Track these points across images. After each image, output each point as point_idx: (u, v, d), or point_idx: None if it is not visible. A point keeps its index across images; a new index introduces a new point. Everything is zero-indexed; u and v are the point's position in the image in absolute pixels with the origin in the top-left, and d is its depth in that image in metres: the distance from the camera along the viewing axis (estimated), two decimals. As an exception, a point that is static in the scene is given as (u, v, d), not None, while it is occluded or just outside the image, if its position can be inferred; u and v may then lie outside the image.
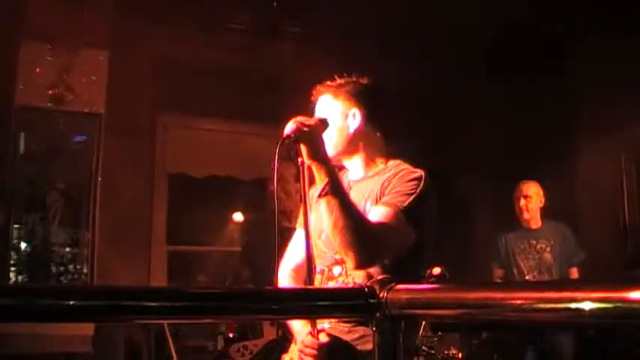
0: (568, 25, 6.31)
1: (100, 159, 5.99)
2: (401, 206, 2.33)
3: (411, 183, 2.40)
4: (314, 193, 2.45)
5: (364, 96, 2.60)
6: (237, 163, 7.23)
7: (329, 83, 2.63)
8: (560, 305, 0.99)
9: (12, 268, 5.71)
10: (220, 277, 6.98)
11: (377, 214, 2.33)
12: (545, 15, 6.06)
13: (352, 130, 2.56)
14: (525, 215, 5.58)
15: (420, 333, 4.61)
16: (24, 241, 5.80)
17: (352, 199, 2.39)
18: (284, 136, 2.29)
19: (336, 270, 2.46)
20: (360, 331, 2.34)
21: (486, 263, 5.88)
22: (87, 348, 5.27)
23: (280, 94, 5.03)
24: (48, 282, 5.75)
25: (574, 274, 5.52)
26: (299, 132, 2.29)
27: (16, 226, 5.77)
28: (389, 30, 6.29)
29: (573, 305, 0.94)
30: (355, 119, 2.57)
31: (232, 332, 5.16)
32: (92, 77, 5.90)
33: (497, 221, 6.54)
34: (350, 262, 2.29)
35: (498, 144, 7.11)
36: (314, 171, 2.32)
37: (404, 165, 2.55)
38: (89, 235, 5.90)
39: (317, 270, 2.56)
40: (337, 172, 2.40)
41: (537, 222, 5.63)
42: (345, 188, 2.38)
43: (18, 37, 5.68)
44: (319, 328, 2.33)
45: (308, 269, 2.29)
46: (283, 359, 2.58)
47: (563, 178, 6.30)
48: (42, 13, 5.38)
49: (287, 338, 2.61)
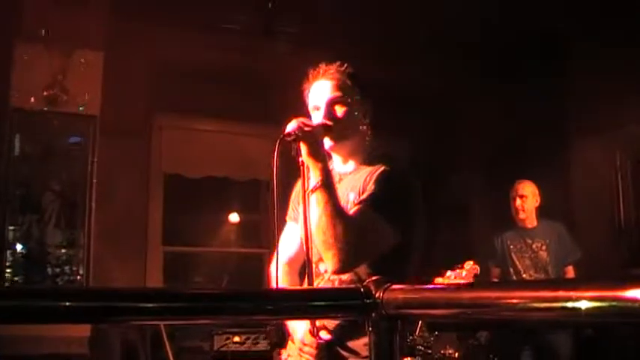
0: (563, 25, 6.33)
1: (96, 160, 5.97)
2: (381, 205, 2.32)
3: (391, 181, 2.39)
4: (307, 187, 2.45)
5: (363, 83, 2.60)
6: (232, 164, 7.23)
7: (339, 64, 2.57)
8: (555, 304, 0.99)
9: (7, 270, 5.70)
10: (216, 278, 6.97)
11: (357, 213, 2.32)
12: (540, 14, 6.07)
13: (363, 120, 2.56)
14: (521, 215, 5.59)
15: (417, 333, 4.61)
16: (19, 243, 5.78)
17: (340, 195, 2.39)
18: (284, 134, 2.29)
19: (322, 266, 2.45)
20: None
21: (483, 262, 5.88)
22: (83, 349, 5.26)
23: (276, 95, 5.04)
24: (44, 283, 5.73)
25: (570, 273, 5.53)
26: (300, 131, 2.29)
27: (12, 228, 5.75)
28: (385, 30, 6.30)
29: (569, 304, 0.94)
30: (367, 110, 2.58)
31: (271, 339, 5.14)
32: (88, 78, 5.88)
33: (493, 220, 6.56)
34: (329, 264, 2.28)
35: (493, 143, 7.13)
36: (310, 168, 2.32)
37: (387, 157, 2.52)
38: (85, 237, 5.88)
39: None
40: (332, 173, 2.39)
41: (533, 221, 5.63)
42: (336, 189, 2.36)
43: (13, 39, 5.67)
44: (318, 325, 2.33)
45: (308, 268, 2.28)
46: (281, 354, 2.58)
47: (558, 177, 6.32)
48: (37, 15, 5.37)
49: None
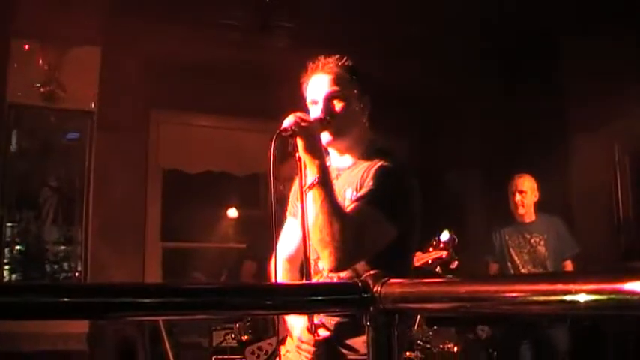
0: (560, 21, 6.32)
1: (93, 156, 5.97)
2: (378, 202, 2.30)
3: (389, 177, 2.37)
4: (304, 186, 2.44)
5: (362, 77, 2.57)
6: (231, 159, 7.23)
7: (327, 61, 2.54)
8: (554, 297, 0.99)
9: (5, 267, 5.70)
10: (215, 274, 6.97)
11: (354, 211, 2.30)
12: (537, 11, 6.06)
13: (362, 113, 2.54)
14: (520, 210, 5.58)
15: (416, 327, 4.62)
16: (17, 239, 5.78)
17: (338, 190, 2.39)
18: (281, 129, 2.28)
19: (321, 264, 2.44)
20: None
21: (481, 257, 5.88)
22: (82, 345, 5.26)
23: (273, 90, 5.03)
24: (42, 280, 5.73)
25: (568, 267, 5.54)
26: (297, 126, 2.27)
27: (9, 224, 5.75)
28: (383, 27, 6.29)
29: (567, 297, 0.94)
30: (367, 104, 2.56)
31: (246, 334, 5.09)
32: (84, 74, 5.87)
33: (490, 215, 6.55)
34: (325, 262, 2.27)
35: (491, 138, 7.12)
36: (307, 164, 2.30)
37: (384, 153, 2.50)
38: (83, 233, 5.88)
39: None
40: (329, 169, 2.37)
41: (531, 216, 5.63)
42: (334, 186, 2.34)
43: (9, 35, 5.66)
44: (316, 323, 2.33)
45: (305, 265, 2.28)
46: (280, 351, 2.58)
47: (556, 172, 6.31)
48: (33, 10, 5.36)
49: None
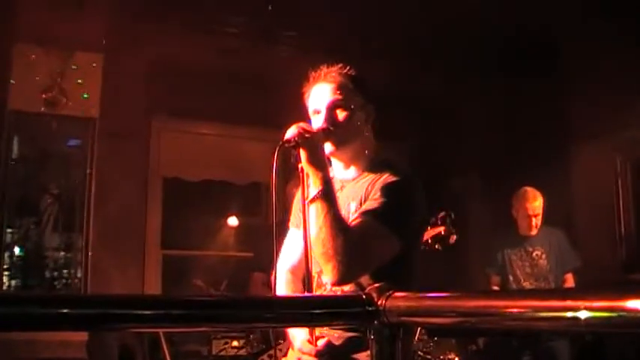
0: (563, 28, 6.32)
1: (94, 163, 5.97)
2: (384, 216, 2.26)
3: (395, 189, 2.33)
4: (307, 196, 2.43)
5: (365, 86, 2.54)
6: (231, 167, 7.23)
7: (330, 70, 2.50)
8: (561, 314, 0.98)
9: (5, 273, 5.68)
10: (216, 282, 6.95)
11: (359, 225, 2.26)
12: (538, 17, 6.06)
13: (366, 123, 2.51)
14: (533, 231, 5.50)
15: (416, 338, 4.59)
16: (17, 246, 5.77)
17: (342, 202, 2.36)
18: (284, 140, 2.24)
19: (325, 277, 2.40)
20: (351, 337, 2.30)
21: (481, 268, 5.84)
22: (81, 354, 5.24)
23: (275, 98, 5.03)
24: (41, 287, 5.71)
25: (569, 281, 5.49)
26: (300, 137, 2.24)
27: (10, 231, 5.74)
28: (385, 33, 6.30)
29: (576, 314, 0.93)
30: (371, 114, 2.53)
31: (256, 344, 5.06)
32: (86, 81, 5.87)
33: (492, 226, 6.53)
34: (328, 276, 2.23)
35: (492, 148, 7.11)
36: (310, 176, 2.27)
37: (390, 165, 2.46)
38: (83, 240, 5.88)
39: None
40: (332, 181, 2.33)
41: (536, 230, 5.56)
42: (337, 199, 2.30)
43: (11, 41, 5.66)
44: (317, 335, 2.31)
45: (307, 277, 2.26)
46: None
47: (558, 182, 6.29)
48: (35, 17, 5.36)
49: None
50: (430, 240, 4.21)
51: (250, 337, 5.13)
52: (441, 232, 4.25)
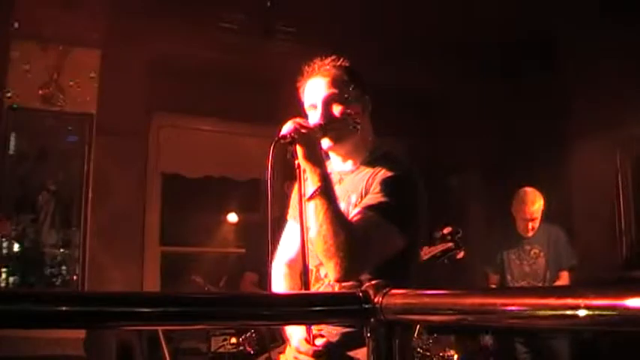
0: (562, 24, 6.31)
1: (92, 159, 5.95)
2: (386, 210, 2.25)
3: (396, 183, 2.31)
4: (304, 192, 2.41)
5: (360, 77, 2.53)
6: (231, 164, 7.22)
7: (334, 59, 2.50)
8: (560, 312, 0.97)
9: (3, 269, 5.67)
10: (214, 279, 6.95)
11: (361, 220, 2.25)
12: (538, 14, 6.05)
13: (363, 117, 2.48)
14: (530, 233, 5.50)
15: (415, 335, 4.58)
16: (15, 243, 5.75)
17: (341, 195, 2.35)
18: (280, 136, 2.23)
19: (323, 271, 2.40)
20: (351, 334, 2.26)
21: (481, 269, 5.82)
22: (79, 351, 5.23)
23: (274, 95, 5.01)
24: (39, 284, 5.70)
25: (564, 278, 5.46)
26: (296, 133, 2.22)
27: (7, 227, 5.73)
28: (383, 29, 6.28)
29: (576, 312, 0.92)
30: (367, 105, 2.51)
31: (251, 347, 5.03)
32: (84, 77, 5.85)
33: (491, 225, 6.51)
34: (331, 273, 2.22)
35: (492, 144, 7.11)
36: (308, 173, 2.25)
37: (390, 157, 2.44)
38: (81, 237, 5.86)
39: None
40: (330, 177, 2.32)
41: (532, 232, 5.55)
42: (336, 195, 2.29)
43: (8, 37, 5.64)
44: (315, 333, 2.29)
45: (304, 274, 2.24)
46: (279, 359, 2.54)
47: (558, 178, 6.29)
48: (33, 13, 5.34)
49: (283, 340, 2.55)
50: (439, 254, 4.28)
51: (241, 339, 5.09)
52: (451, 248, 4.34)
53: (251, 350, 4.93)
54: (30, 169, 5.81)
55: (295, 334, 2.35)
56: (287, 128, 2.24)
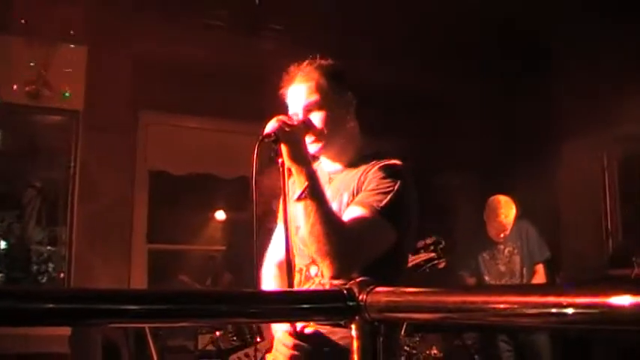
0: (550, 27, 6.34)
1: (79, 156, 5.92)
2: (378, 207, 2.25)
3: (388, 180, 2.31)
4: (292, 192, 2.41)
5: (340, 76, 2.49)
6: (218, 161, 7.21)
7: (312, 61, 2.47)
8: (543, 310, 0.97)
9: (-11, 267, 5.65)
10: (201, 276, 6.94)
11: (353, 217, 2.25)
12: (526, 16, 6.07)
13: (347, 117, 2.46)
14: (500, 240, 5.53)
15: (402, 333, 4.60)
16: (0, 240, 5.72)
17: (331, 195, 2.35)
18: (264, 135, 2.22)
19: (313, 270, 2.40)
20: (340, 333, 2.25)
21: (457, 272, 5.81)
22: (64, 348, 5.21)
23: (262, 92, 5.00)
24: (25, 281, 5.67)
25: (540, 272, 5.50)
26: (280, 131, 2.21)
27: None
28: (372, 28, 6.29)
29: (558, 310, 0.92)
30: (350, 104, 2.48)
31: (228, 343, 5.00)
32: (70, 73, 5.82)
33: (468, 229, 6.52)
34: (326, 271, 2.23)
35: (479, 144, 7.12)
36: (294, 173, 2.25)
37: (380, 155, 2.44)
38: (67, 234, 5.83)
39: (296, 269, 2.51)
40: (317, 175, 2.31)
41: (503, 238, 5.56)
42: (325, 193, 2.30)
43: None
44: (299, 328, 2.29)
45: (288, 272, 2.24)
46: (266, 359, 2.53)
47: (545, 178, 6.32)
48: (19, 8, 5.31)
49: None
50: (422, 262, 4.36)
51: (217, 334, 5.07)
52: (433, 257, 4.41)
53: (227, 346, 4.92)
54: (15, 166, 5.78)
55: (280, 329, 2.35)
56: (271, 126, 2.24)
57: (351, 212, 2.28)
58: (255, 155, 2.21)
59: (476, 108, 7.08)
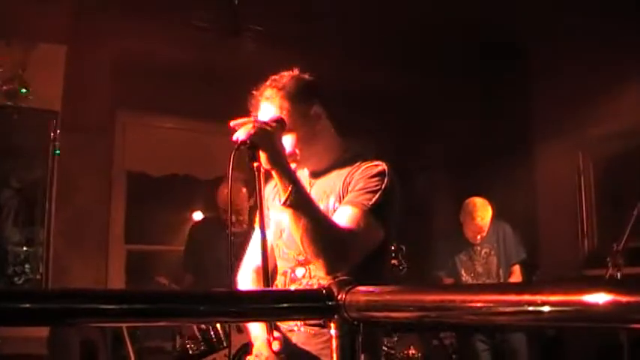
0: (525, 29, 6.39)
1: (57, 157, 5.88)
2: (368, 205, 2.28)
3: (375, 179, 2.34)
4: (270, 195, 2.43)
5: (316, 90, 2.50)
6: (196, 162, 7.19)
7: (273, 83, 2.44)
8: (519, 308, 0.99)
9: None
10: (179, 277, 6.91)
11: (344, 216, 2.28)
12: (501, 16, 6.11)
13: (316, 129, 2.46)
14: (477, 241, 5.56)
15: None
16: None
17: (315, 199, 2.36)
18: (239, 142, 2.20)
19: (299, 272, 2.42)
20: (327, 335, 2.25)
21: (434, 273, 5.83)
22: (42, 350, 5.17)
23: (241, 93, 5.00)
24: (1, 282, 5.62)
25: (516, 273, 5.55)
26: (256, 137, 2.19)
27: (-31, 226, 5.64)
28: (351, 30, 6.30)
29: (533, 308, 0.94)
30: (318, 117, 2.47)
31: (196, 347, 4.97)
32: (49, 73, 5.78)
33: (445, 229, 6.54)
34: (320, 270, 2.25)
35: (455, 145, 7.16)
36: (275, 178, 2.25)
37: (363, 157, 2.46)
38: (45, 235, 5.78)
39: (279, 272, 2.52)
40: (299, 178, 2.32)
41: (480, 239, 5.60)
42: (309, 194, 2.33)
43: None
44: (276, 336, 2.28)
45: (264, 273, 2.24)
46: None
47: (521, 179, 6.36)
48: (-3, 7, 5.27)
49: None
50: None
51: (185, 340, 5.05)
52: (395, 264, 4.46)
53: (194, 351, 4.90)
54: (-8, 166, 5.73)
55: (259, 337, 2.35)
56: (244, 133, 2.21)
57: (342, 212, 2.31)
58: (231, 163, 2.20)
59: (451, 109, 7.12)
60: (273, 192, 2.45)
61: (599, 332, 5.09)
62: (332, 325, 1.40)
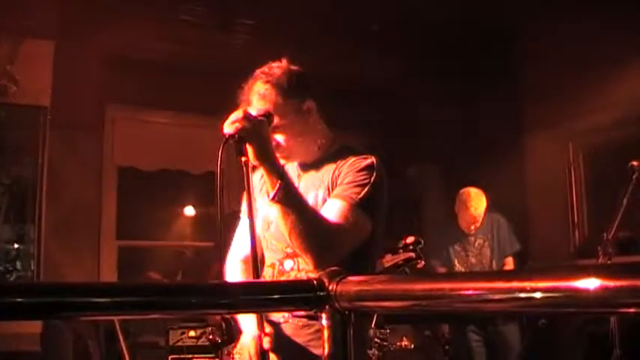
0: (515, 19, 6.39)
1: (46, 153, 5.86)
2: (356, 199, 2.29)
3: (364, 172, 2.35)
4: (257, 185, 2.42)
5: (308, 84, 2.49)
6: (187, 157, 7.17)
7: (266, 78, 2.40)
8: (509, 295, 0.99)
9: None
10: (171, 273, 6.91)
11: (332, 210, 2.28)
12: (491, 9, 6.11)
13: (308, 123, 2.46)
14: (472, 231, 5.58)
15: (372, 325, 4.64)
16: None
17: (303, 191, 2.36)
18: (227, 136, 2.19)
19: (288, 264, 2.42)
20: (316, 325, 2.24)
21: (427, 263, 5.85)
22: (35, 346, 5.16)
23: (231, 87, 4.99)
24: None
25: (509, 265, 5.57)
26: (244, 131, 2.18)
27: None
28: (339, 24, 6.29)
29: (523, 295, 0.94)
30: (310, 111, 2.46)
31: (219, 336, 4.96)
32: (37, 68, 5.76)
33: (440, 219, 6.56)
34: (310, 264, 2.25)
35: (446, 137, 7.16)
36: (263, 172, 2.25)
37: (351, 150, 2.46)
38: (36, 231, 5.77)
39: (267, 263, 2.52)
40: (287, 172, 2.33)
41: (474, 229, 5.62)
42: (297, 188, 2.33)
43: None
44: (267, 332, 2.28)
45: (254, 266, 2.24)
46: (234, 355, 2.52)
47: (511, 170, 6.38)
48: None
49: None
50: (401, 262, 4.38)
51: (210, 329, 5.06)
52: (412, 257, 4.44)
53: (218, 339, 4.90)
54: (-18, 163, 5.71)
55: (248, 332, 2.36)
56: (232, 127, 2.20)
57: (331, 205, 2.31)
58: (220, 157, 2.19)
59: (443, 101, 7.12)
60: (260, 183, 2.44)
61: (589, 320, 5.12)
62: (323, 316, 1.40)
